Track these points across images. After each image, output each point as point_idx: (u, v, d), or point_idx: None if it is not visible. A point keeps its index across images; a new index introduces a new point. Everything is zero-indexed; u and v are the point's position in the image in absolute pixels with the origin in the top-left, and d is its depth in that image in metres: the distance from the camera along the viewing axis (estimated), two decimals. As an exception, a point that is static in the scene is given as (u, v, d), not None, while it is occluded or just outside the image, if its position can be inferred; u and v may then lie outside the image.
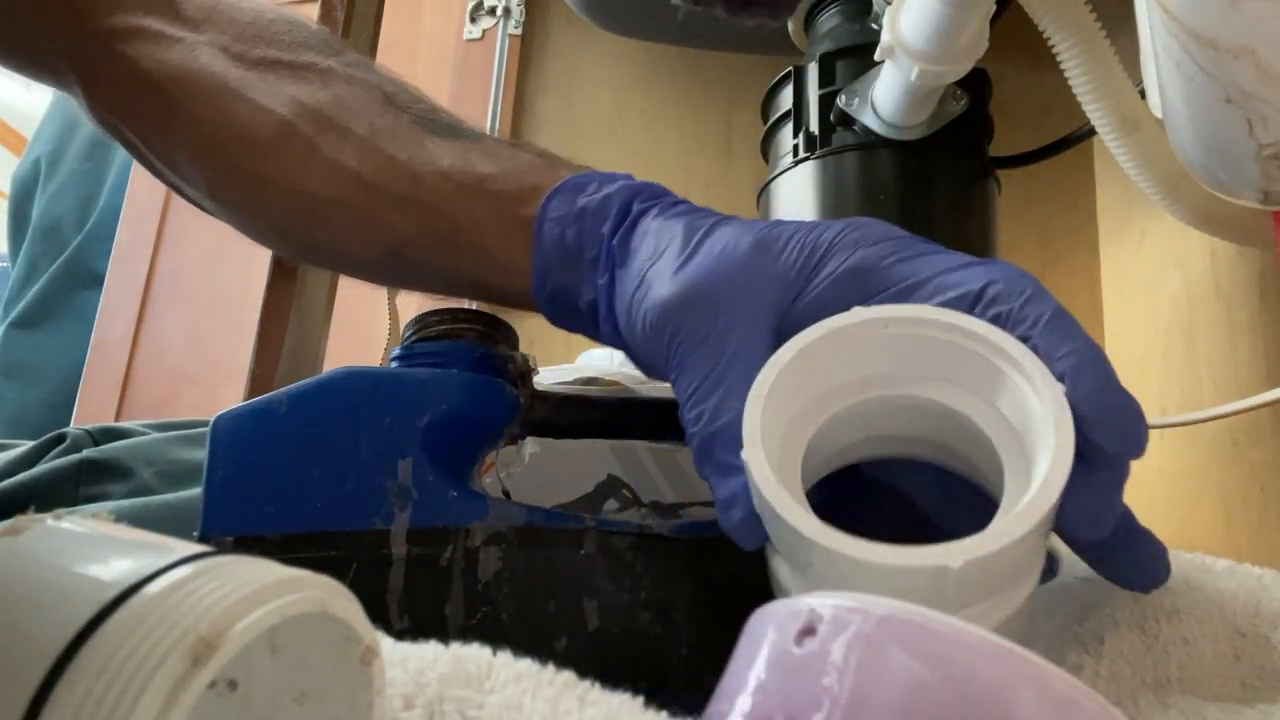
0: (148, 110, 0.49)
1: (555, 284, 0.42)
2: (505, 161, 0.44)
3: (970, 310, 0.32)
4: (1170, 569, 0.33)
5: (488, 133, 0.48)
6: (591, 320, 0.42)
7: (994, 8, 0.57)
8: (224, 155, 0.47)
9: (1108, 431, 0.30)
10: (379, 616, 0.36)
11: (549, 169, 0.43)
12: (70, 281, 1.40)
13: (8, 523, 0.21)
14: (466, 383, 0.40)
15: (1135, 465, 0.35)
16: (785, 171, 0.69)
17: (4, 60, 0.53)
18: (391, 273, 0.48)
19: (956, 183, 0.65)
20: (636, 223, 0.40)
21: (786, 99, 0.70)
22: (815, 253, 0.35)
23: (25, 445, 0.63)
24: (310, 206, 0.46)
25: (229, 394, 1.06)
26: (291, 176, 0.46)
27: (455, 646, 0.27)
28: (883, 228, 0.36)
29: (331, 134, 0.45)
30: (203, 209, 0.52)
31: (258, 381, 0.89)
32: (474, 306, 0.44)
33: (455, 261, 0.44)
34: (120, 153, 1.45)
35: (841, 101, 0.66)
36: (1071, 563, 0.39)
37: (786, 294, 0.35)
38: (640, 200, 0.41)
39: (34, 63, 0.53)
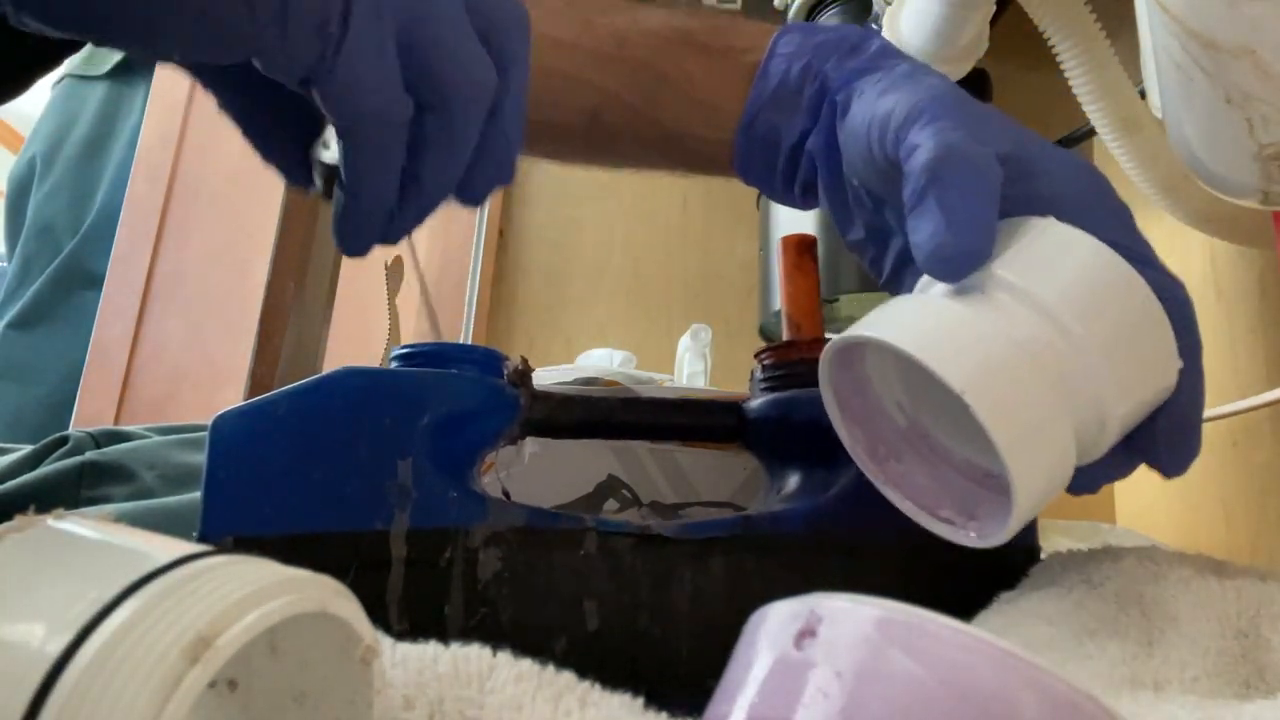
0: None
1: (766, 124, 0.44)
2: (711, 19, 0.47)
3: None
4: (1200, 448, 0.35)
5: None
6: (790, 163, 0.44)
7: (994, 8, 0.57)
8: None
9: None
10: (379, 617, 0.36)
11: (757, 24, 0.46)
12: (67, 282, 1.39)
13: (9, 522, 0.21)
14: (466, 383, 0.40)
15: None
16: (785, 172, 0.69)
17: None
18: (589, 138, 0.49)
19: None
20: (877, 57, 0.41)
21: (786, 99, 0.70)
22: None
23: (26, 448, 0.63)
24: None
25: (229, 394, 1.06)
26: None
27: (456, 647, 0.27)
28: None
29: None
30: None
31: (258, 381, 0.89)
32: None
33: (658, 116, 0.46)
34: (117, 152, 1.46)
35: (841, 102, 0.65)
36: (1071, 564, 0.39)
37: None
38: (877, 38, 0.43)
39: None
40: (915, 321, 0.31)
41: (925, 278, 0.35)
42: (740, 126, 0.44)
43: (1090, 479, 0.34)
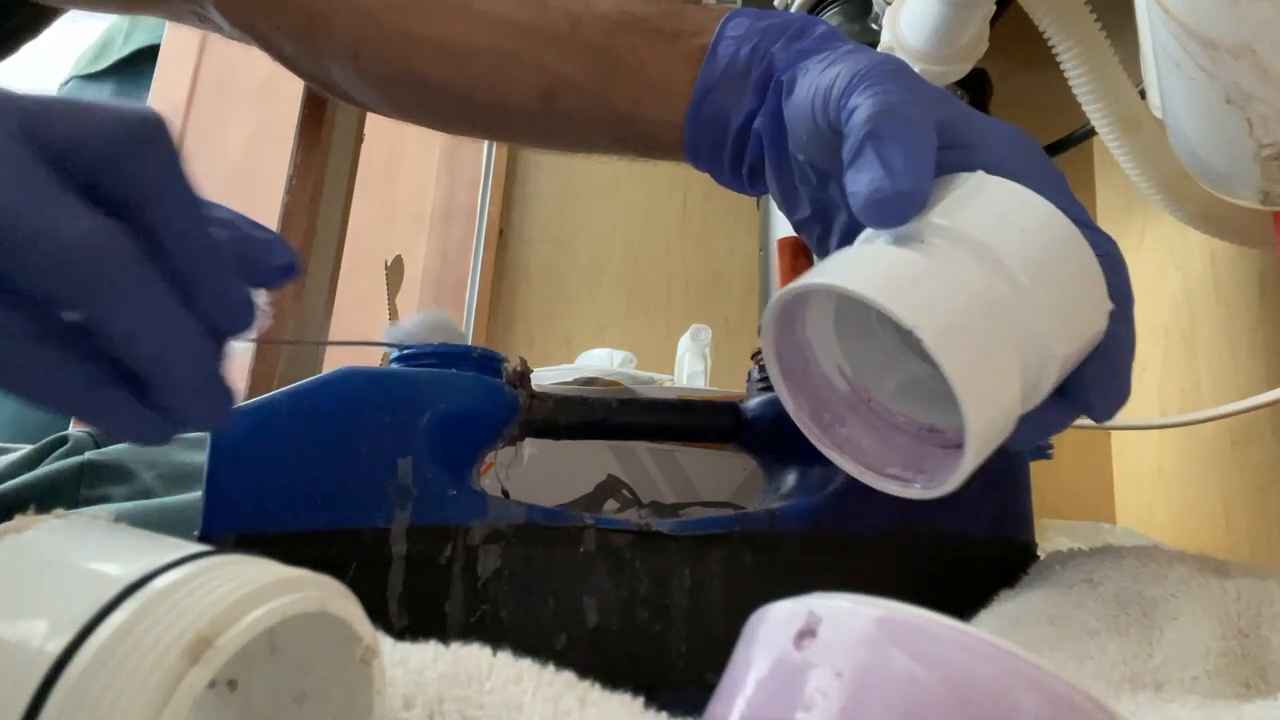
0: None
1: (715, 105, 0.44)
2: (662, 4, 0.47)
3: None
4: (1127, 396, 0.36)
5: None
6: (738, 144, 0.44)
7: (994, 8, 0.57)
8: (372, 18, 0.49)
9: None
10: (379, 615, 0.36)
11: (708, 9, 0.46)
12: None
13: (9, 522, 0.21)
14: (466, 383, 0.40)
15: (1135, 466, 0.35)
16: (785, 171, 0.69)
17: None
18: (543, 120, 0.49)
19: (957, 183, 0.65)
20: (823, 39, 0.42)
21: (787, 99, 0.70)
22: None
23: (26, 448, 0.63)
24: (463, 57, 0.48)
25: (229, 394, 1.05)
26: (443, 30, 0.48)
27: (455, 646, 0.27)
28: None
29: None
30: (347, 98, 0.53)
31: (258, 381, 0.89)
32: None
33: (610, 98, 0.46)
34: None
35: (841, 101, 0.66)
36: (1071, 564, 0.39)
37: None
38: (822, 24, 0.43)
39: None
40: (856, 265, 0.32)
41: (865, 233, 0.35)
42: (689, 109, 0.45)
43: (1031, 431, 0.35)
